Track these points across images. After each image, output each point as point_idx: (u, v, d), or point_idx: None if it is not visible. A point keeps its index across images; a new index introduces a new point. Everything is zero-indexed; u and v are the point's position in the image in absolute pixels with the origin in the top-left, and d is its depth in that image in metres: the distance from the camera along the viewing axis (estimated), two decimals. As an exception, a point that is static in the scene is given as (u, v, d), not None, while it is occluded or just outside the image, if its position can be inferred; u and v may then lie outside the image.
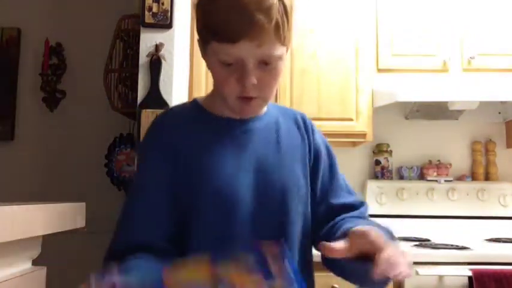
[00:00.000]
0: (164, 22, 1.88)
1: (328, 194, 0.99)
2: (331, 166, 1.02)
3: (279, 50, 0.85)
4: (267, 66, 0.85)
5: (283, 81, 2.16)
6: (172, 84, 1.90)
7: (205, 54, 0.90)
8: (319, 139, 1.03)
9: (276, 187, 0.91)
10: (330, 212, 0.96)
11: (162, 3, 1.88)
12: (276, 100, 2.15)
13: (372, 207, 2.34)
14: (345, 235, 0.78)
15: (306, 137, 1.00)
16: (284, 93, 2.17)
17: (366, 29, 2.21)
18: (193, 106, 0.99)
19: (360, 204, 1.00)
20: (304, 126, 1.01)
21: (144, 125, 1.81)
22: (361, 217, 0.95)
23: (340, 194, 1.00)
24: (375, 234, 0.74)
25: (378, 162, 2.44)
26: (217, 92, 0.94)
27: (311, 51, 2.20)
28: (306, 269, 0.94)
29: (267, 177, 0.91)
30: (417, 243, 1.98)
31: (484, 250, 1.88)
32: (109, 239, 0.89)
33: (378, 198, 2.34)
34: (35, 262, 0.76)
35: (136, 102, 1.90)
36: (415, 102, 2.27)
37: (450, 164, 2.43)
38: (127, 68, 2.11)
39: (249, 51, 0.82)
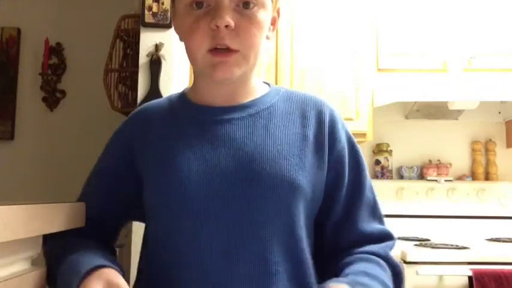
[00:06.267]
0: (164, 22, 1.88)
1: (351, 212, 0.83)
2: (357, 175, 0.84)
3: None
4: (247, 10, 0.74)
5: (283, 82, 2.16)
6: (172, 84, 1.90)
7: (174, 8, 0.81)
8: (342, 140, 0.84)
9: (250, 178, 0.75)
10: (352, 236, 0.82)
11: (162, 3, 1.88)
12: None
13: None
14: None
15: (312, 131, 0.81)
16: (284, 93, 2.16)
17: (366, 28, 2.21)
18: (177, 96, 0.90)
19: (382, 237, 0.83)
20: (317, 122, 0.82)
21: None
22: (370, 261, 0.78)
23: (363, 216, 0.83)
24: None
25: (377, 162, 2.44)
26: (191, 62, 0.81)
27: (311, 50, 2.20)
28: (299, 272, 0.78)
29: (241, 169, 0.76)
30: (417, 243, 1.98)
31: (484, 250, 1.87)
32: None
33: (377, 198, 2.34)
34: (35, 262, 0.76)
35: (136, 102, 1.90)
36: (415, 102, 2.27)
37: (450, 164, 2.43)
38: (127, 68, 2.11)
39: None
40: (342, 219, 0.83)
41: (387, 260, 0.80)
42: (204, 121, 0.82)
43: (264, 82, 0.90)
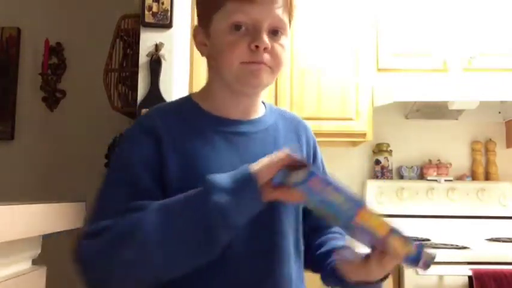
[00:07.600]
0: (164, 22, 1.88)
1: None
2: None
3: (287, 24, 0.86)
4: (276, 36, 0.84)
5: (283, 82, 2.17)
6: (172, 84, 1.90)
7: (207, 30, 0.86)
8: (319, 157, 1.00)
9: None
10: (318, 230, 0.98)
11: (162, 3, 1.88)
12: (275, 100, 2.15)
13: (372, 207, 2.34)
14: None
15: (305, 149, 0.95)
16: (284, 93, 2.16)
17: (366, 28, 2.21)
18: (185, 102, 0.92)
19: None
20: (306, 140, 0.97)
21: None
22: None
23: None
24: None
25: (377, 162, 2.44)
26: (213, 77, 0.88)
27: (311, 51, 2.20)
28: (300, 278, 0.91)
29: None
30: (417, 243, 1.98)
31: (484, 250, 1.88)
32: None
33: (377, 198, 2.34)
34: (35, 262, 0.76)
35: (136, 102, 1.90)
36: (415, 102, 2.27)
37: (450, 164, 2.43)
38: (127, 68, 2.11)
39: (267, 11, 0.82)
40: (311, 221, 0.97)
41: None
42: (227, 132, 0.87)
43: None
